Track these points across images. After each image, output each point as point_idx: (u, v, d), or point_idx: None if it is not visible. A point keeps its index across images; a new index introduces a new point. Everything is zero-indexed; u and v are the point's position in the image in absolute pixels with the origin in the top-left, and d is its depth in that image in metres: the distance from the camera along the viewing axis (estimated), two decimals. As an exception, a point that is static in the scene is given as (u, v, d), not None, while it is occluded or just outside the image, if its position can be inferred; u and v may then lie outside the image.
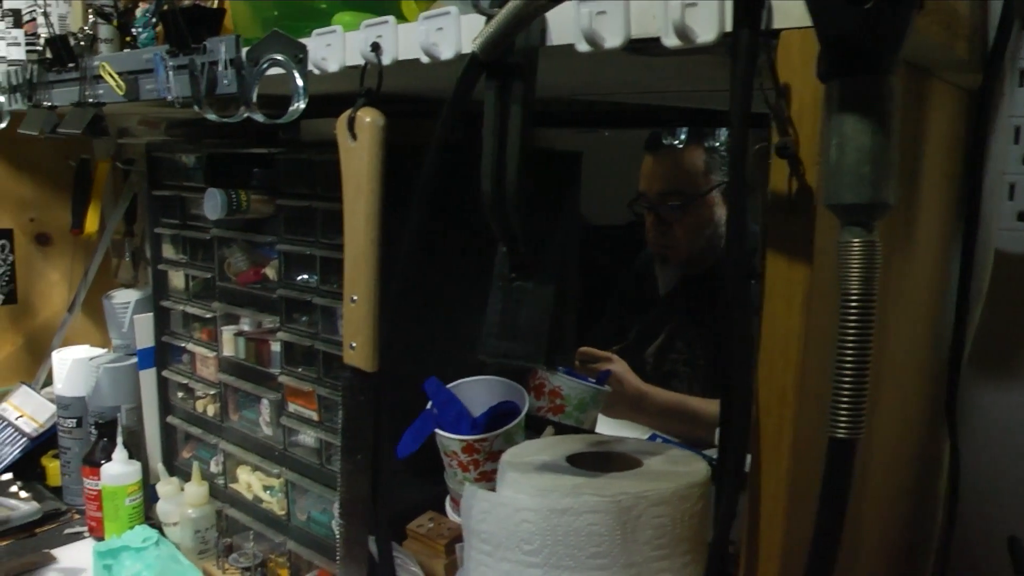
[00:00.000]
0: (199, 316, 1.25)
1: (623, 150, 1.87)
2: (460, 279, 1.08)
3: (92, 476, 1.32)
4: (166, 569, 1.20)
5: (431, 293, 0.99)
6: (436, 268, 0.90)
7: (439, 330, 1.01)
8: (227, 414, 1.23)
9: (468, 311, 1.03)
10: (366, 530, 0.72)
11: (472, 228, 1.01)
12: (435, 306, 1.01)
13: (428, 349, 1.00)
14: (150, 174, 1.30)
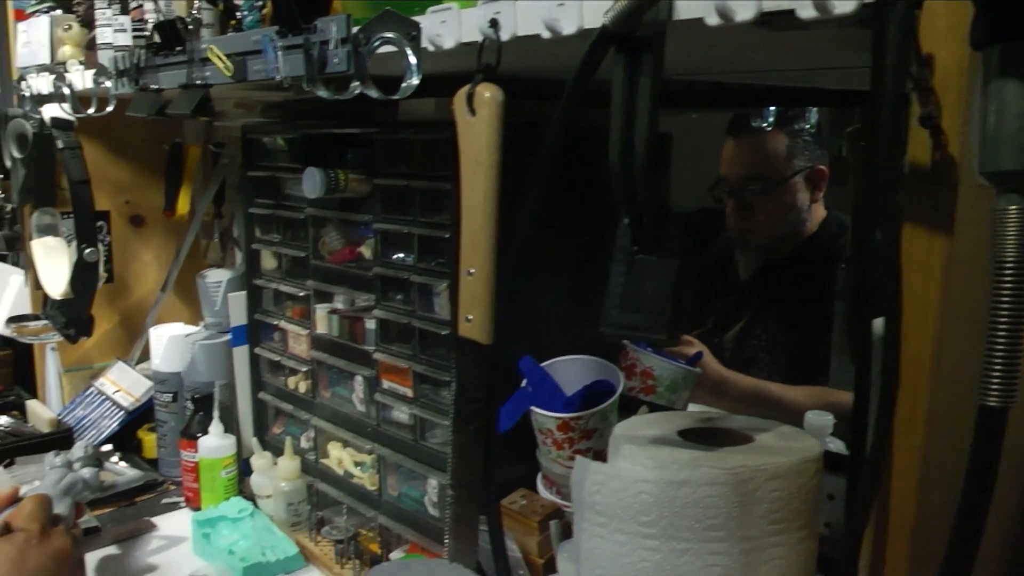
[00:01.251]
0: (292, 294, 1.27)
1: (704, 134, 1.85)
2: (571, 255, 1.09)
3: (189, 449, 1.36)
4: (261, 539, 1.23)
5: (544, 268, 1.00)
6: (550, 243, 0.90)
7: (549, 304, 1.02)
8: (319, 391, 1.26)
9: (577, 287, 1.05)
10: (477, 497, 0.73)
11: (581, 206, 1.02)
12: (547, 281, 1.02)
13: (538, 323, 1.00)
14: (245, 155, 1.33)
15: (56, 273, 1.48)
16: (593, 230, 1.05)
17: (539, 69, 0.85)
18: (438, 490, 1.07)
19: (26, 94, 1.55)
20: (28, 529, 0.95)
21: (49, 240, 1.51)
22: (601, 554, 0.67)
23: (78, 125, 1.45)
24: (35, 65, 1.52)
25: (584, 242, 1.02)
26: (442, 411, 1.05)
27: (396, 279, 1.09)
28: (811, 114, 1.65)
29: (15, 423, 1.63)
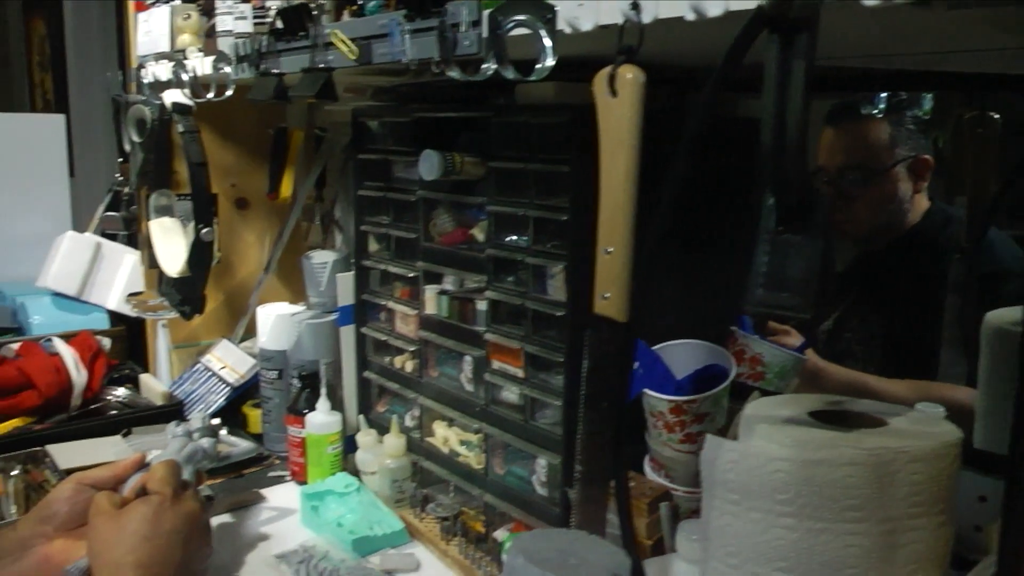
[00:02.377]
0: (400, 275, 1.30)
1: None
2: (684, 240, 1.09)
3: (296, 424, 1.40)
4: (367, 514, 1.27)
5: (678, 248, 1.00)
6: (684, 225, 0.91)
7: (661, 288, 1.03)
8: (425, 370, 1.28)
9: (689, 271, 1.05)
10: (606, 474, 0.74)
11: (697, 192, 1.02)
12: (680, 261, 1.02)
13: (651, 306, 1.01)
14: (355, 139, 1.36)
15: (171, 252, 1.54)
16: (707, 217, 1.05)
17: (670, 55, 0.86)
18: (547, 469, 1.09)
19: (145, 81, 1.61)
20: (162, 492, 0.99)
21: (165, 220, 1.57)
22: (733, 532, 0.67)
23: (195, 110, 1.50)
24: (154, 53, 1.58)
25: (698, 228, 1.02)
26: (553, 391, 1.06)
27: (509, 261, 1.11)
28: (925, 101, 1.62)
29: (131, 395, 1.70)
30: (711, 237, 1.13)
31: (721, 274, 1.19)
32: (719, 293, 1.18)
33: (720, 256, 1.17)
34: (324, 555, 1.18)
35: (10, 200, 2.32)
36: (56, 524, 1.06)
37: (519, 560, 0.64)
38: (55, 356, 1.62)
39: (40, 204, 2.35)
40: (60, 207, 2.39)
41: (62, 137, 2.38)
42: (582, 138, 0.99)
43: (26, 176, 2.35)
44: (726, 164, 1.02)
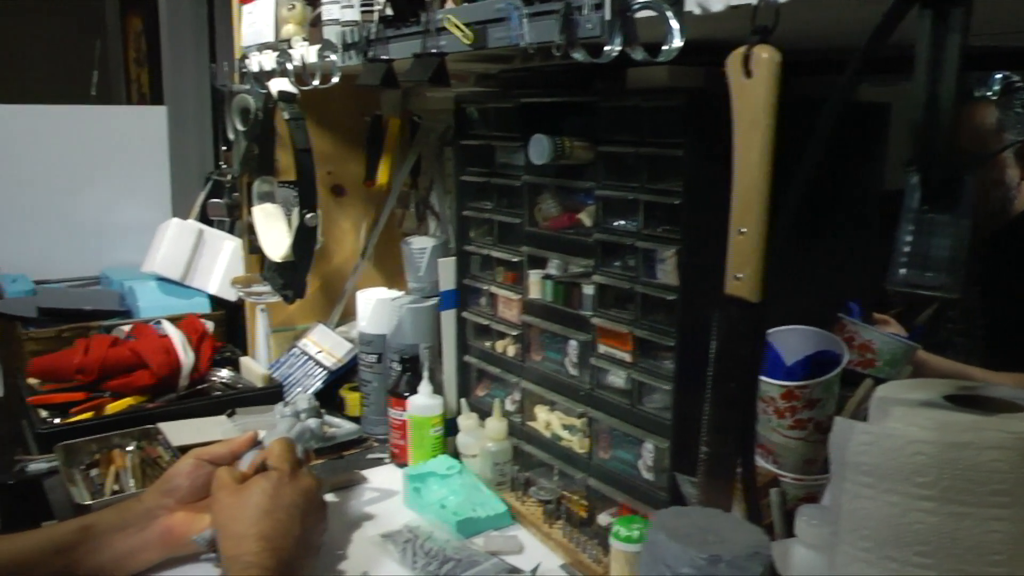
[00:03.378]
0: (504, 260, 1.31)
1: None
2: (815, 222, 1.08)
3: (398, 407, 1.42)
4: (470, 496, 1.28)
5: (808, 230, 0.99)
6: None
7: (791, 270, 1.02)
8: (528, 354, 1.29)
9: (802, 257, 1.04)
10: (733, 456, 0.74)
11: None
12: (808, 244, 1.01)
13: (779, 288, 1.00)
14: (458, 125, 1.37)
15: (274, 237, 1.58)
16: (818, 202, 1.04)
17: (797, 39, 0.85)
18: (654, 454, 1.09)
19: (249, 72, 1.65)
20: (281, 468, 1.02)
21: (268, 207, 1.61)
22: (867, 515, 0.67)
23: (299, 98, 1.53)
24: (258, 44, 1.61)
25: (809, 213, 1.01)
26: (662, 376, 1.06)
27: (617, 245, 1.11)
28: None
29: (234, 376, 1.75)
30: (821, 222, 1.12)
31: (829, 260, 1.18)
32: (826, 279, 1.17)
33: (828, 242, 1.16)
34: (429, 535, 1.19)
35: (115, 190, 2.41)
36: (178, 497, 1.11)
37: (660, 536, 0.64)
38: (165, 338, 1.67)
39: (142, 193, 2.44)
40: (161, 196, 2.47)
41: (163, 128, 2.46)
42: (696, 122, 0.99)
43: (129, 167, 2.43)
44: (839, 149, 1.00)
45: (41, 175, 2.29)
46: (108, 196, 2.40)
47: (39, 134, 2.33)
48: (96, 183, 2.38)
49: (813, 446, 1.03)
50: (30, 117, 2.34)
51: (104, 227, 2.40)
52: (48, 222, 2.31)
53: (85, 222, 2.37)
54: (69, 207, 2.37)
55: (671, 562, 0.62)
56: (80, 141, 2.37)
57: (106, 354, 1.62)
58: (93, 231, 2.39)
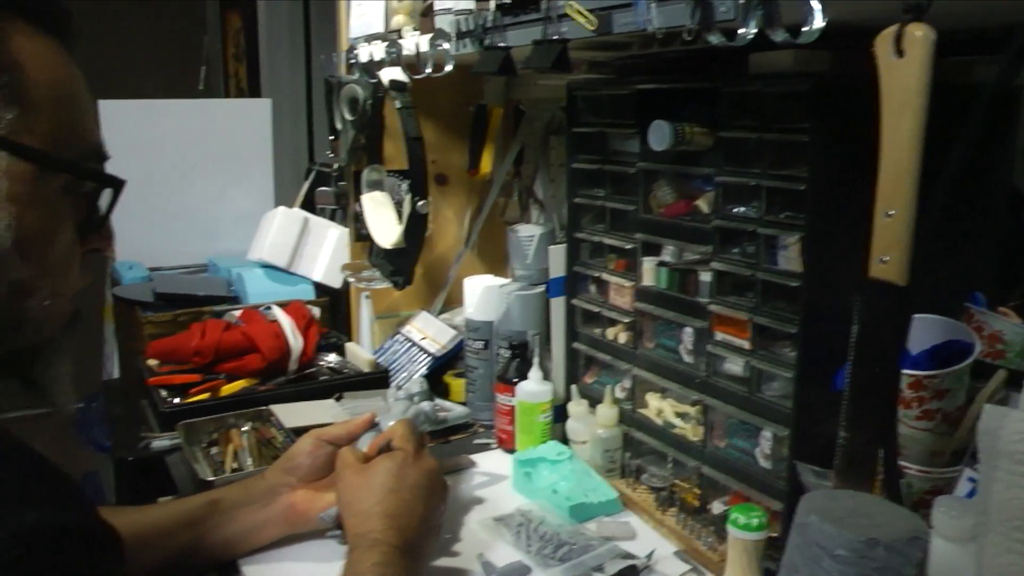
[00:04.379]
0: (616, 247, 1.31)
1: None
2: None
3: (505, 393, 1.43)
4: (581, 482, 1.29)
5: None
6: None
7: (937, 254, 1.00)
8: (641, 341, 1.29)
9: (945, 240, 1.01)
10: (875, 441, 0.73)
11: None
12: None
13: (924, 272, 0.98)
14: (570, 112, 1.38)
15: (383, 224, 1.61)
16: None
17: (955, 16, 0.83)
18: (772, 442, 1.08)
19: (356, 62, 1.68)
20: (405, 448, 1.04)
21: (376, 195, 1.64)
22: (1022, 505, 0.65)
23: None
24: (366, 35, 1.64)
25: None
26: (783, 363, 1.05)
27: (736, 231, 1.10)
28: None
29: (340, 361, 1.79)
30: (952, 209, 1.09)
31: (955, 249, 1.14)
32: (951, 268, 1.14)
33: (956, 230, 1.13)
34: (542, 520, 1.20)
35: (222, 180, 2.48)
36: (299, 475, 1.14)
37: (812, 519, 0.64)
38: (274, 323, 1.72)
39: (247, 184, 2.50)
40: (264, 186, 2.53)
41: (268, 120, 2.52)
42: (823, 107, 0.98)
43: (235, 158, 2.50)
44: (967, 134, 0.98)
45: (153, 167, 2.37)
46: (216, 186, 2.47)
47: (151, 128, 2.41)
48: (204, 174, 2.45)
49: (940, 438, 1.01)
50: (142, 111, 2.42)
51: (211, 216, 2.47)
52: (160, 212, 2.40)
53: (194, 212, 2.45)
54: (179, 197, 2.44)
55: (826, 544, 0.61)
56: (189, 134, 2.45)
57: (220, 338, 1.68)
58: (201, 220, 2.46)
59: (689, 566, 1.11)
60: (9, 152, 0.66)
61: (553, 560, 1.11)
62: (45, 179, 0.69)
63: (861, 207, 0.74)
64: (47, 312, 0.74)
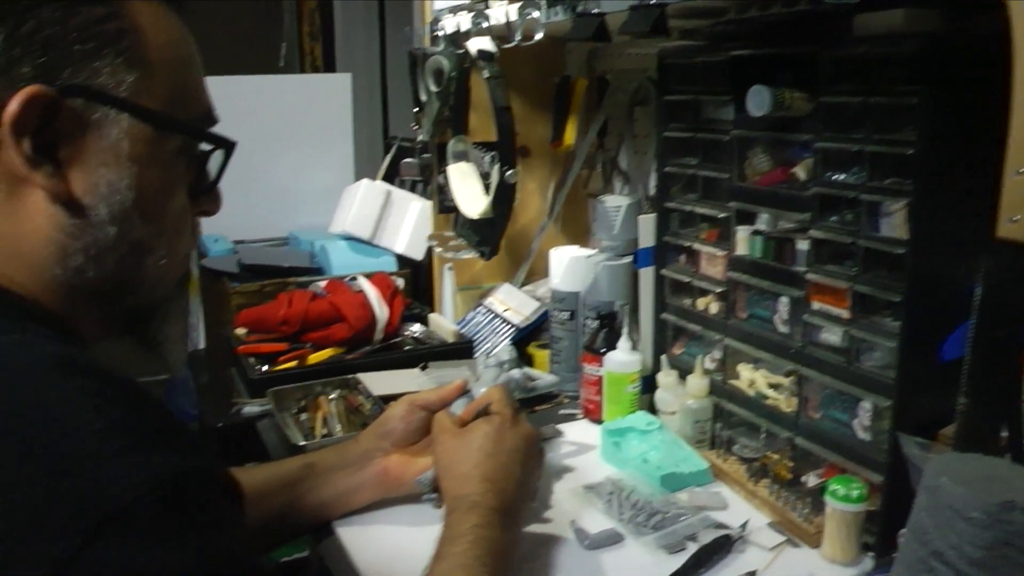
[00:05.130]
0: (708, 216, 1.30)
1: None
2: None
3: (593, 363, 1.43)
4: (670, 452, 1.28)
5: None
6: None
7: None
8: (733, 312, 1.28)
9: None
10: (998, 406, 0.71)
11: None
12: None
13: None
14: (661, 81, 1.36)
15: (468, 195, 1.61)
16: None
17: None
18: (871, 413, 1.06)
19: (440, 34, 1.68)
20: (503, 413, 1.05)
21: (463, 165, 1.64)
22: None
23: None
24: (451, 6, 1.64)
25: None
26: (884, 332, 1.03)
27: (835, 198, 1.07)
28: None
29: (425, 331, 1.81)
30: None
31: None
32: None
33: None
34: (632, 489, 1.20)
35: (303, 155, 2.51)
36: (393, 440, 1.15)
37: (943, 481, 0.62)
38: (359, 293, 1.74)
39: (327, 158, 2.53)
40: (344, 160, 2.56)
41: (348, 95, 2.55)
42: (934, 68, 0.95)
43: (316, 132, 2.53)
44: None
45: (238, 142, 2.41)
46: (297, 161, 2.51)
47: (234, 104, 2.43)
48: (286, 149, 2.49)
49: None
50: (225, 87, 2.44)
51: (293, 190, 2.51)
52: (243, 186, 2.43)
53: (276, 186, 2.49)
54: (262, 172, 2.48)
55: (959, 506, 0.60)
56: (271, 109, 2.49)
57: (307, 308, 1.70)
58: (282, 194, 2.50)
59: (784, 537, 1.10)
60: (130, 114, 0.68)
61: (646, 528, 1.11)
62: (162, 140, 0.71)
63: (974, 170, 0.72)
64: (163, 271, 0.76)
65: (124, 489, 0.51)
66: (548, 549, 1.08)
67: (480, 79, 1.60)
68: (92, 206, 0.68)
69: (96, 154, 0.67)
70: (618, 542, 1.10)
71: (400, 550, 1.10)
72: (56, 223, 0.67)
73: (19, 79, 0.62)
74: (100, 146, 0.67)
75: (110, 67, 0.66)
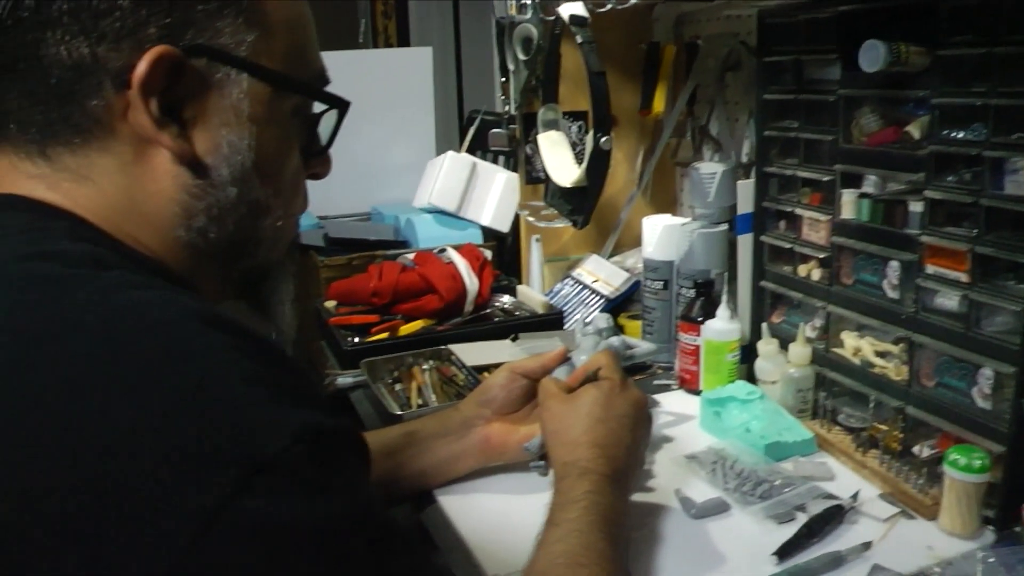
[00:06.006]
0: (812, 180, 1.26)
1: None
2: None
3: (690, 332, 1.41)
4: (773, 422, 1.25)
5: None
6: None
7: None
8: (836, 278, 1.24)
9: None
10: None
11: None
12: None
13: None
14: (761, 42, 1.32)
15: (559, 164, 1.60)
16: None
17: None
18: (993, 381, 1.02)
19: (527, 2, 1.66)
20: (612, 378, 1.04)
21: (553, 134, 1.62)
22: None
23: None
24: (540, -28, 1.62)
25: None
26: (1009, 295, 0.99)
27: (953, 157, 1.03)
28: None
29: (514, 302, 1.80)
30: None
31: None
32: None
33: None
34: (736, 458, 1.18)
35: (385, 130, 2.52)
36: (494, 408, 1.15)
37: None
38: (449, 264, 1.74)
39: (409, 132, 2.53)
40: (426, 135, 2.56)
41: (429, 69, 2.54)
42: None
43: (398, 107, 2.53)
44: None
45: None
46: (379, 136, 2.51)
47: (316, 79, 2.47)
48: (368, 124, 2.49)
49: None
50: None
51: (374, 166, 2.52)
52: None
53: (358, 161, 2.49)
54: (344, 147, 2.48)
55: None
56: (353, 84, 2.47)
57: (397, 279, 1.71)
58: (365, 170, 2.51)
59: (897, 509, 1.07)
60: (250, 74, 0.68)
61: (753, 498, 1.09)
62: (280, 101, 0.71)
63: None
64: (278, 233, 0.76)
65: (270, 440, 0.51)
66: (654, 518, 1.07)
67: (569, 47, 1.58)
68: (214, 166, 0.68)
69: (218, 114, 0.67)
70: (725, 511, 1.08)
71: (503, 518, 1.10)
72: (180, 184, 0.67)
73: (146, 40, 0.63)
74: (221, 106, 0.67)
75: (231, 27, 0.66)
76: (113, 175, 0.66)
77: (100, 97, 0.63)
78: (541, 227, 1.80)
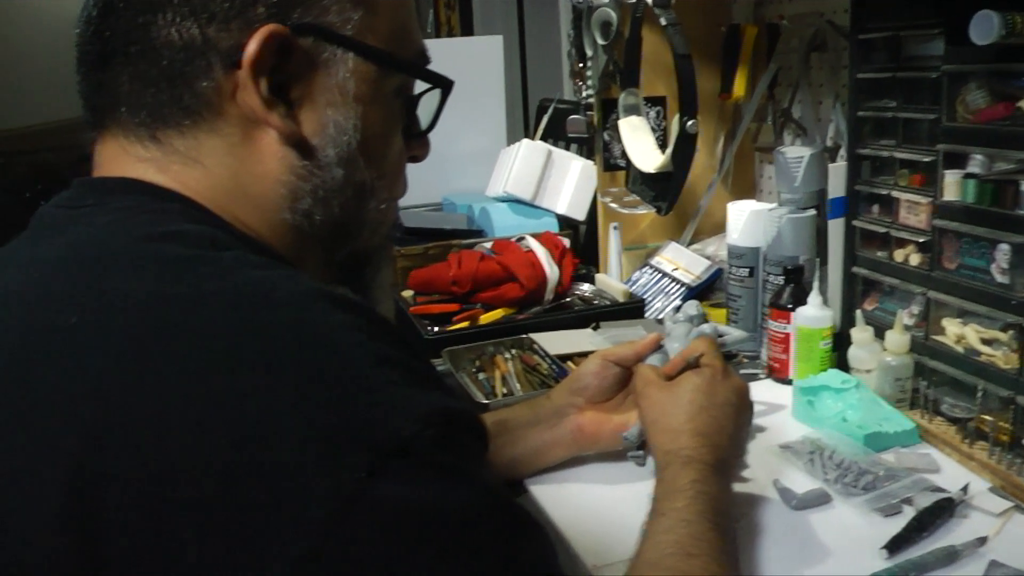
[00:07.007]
0: (911, 161, 1.22)
1: None
2: None
3: (781, 319, 1.37)
4: (871, 411, 1.22)
5: None
6: None
7: None
8: (938, 263, 1.20)
9: None
10: None
11: None
12: None
13: None
14: (855, 17, 1.28)
15: (641, 150, 1.57)
16: None
17: None
18: (1113, 368, 0.97)
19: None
20: (713, 365, 1.01)
21: (634, 119, 1.60)
22: None
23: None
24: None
25: None
26: None
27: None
28: None
29: (594, 290, 1.78)
30: None
31: None
32: None
33: None
34: (834, 448, 1.15)
35: (456, 119, 2.50)
36: (587, 396, 1.13)
37: None
38: (529, 253, 1.73)
39: (480, 121, 2.52)
40: (497, 123, 2.54)
41: (500, 57, 2.52)
42: None
43: (469, 96, 2.51)
44: None
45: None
46: (450, 125, 2.48)
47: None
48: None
49: None
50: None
51: (445, 156, 2.51)
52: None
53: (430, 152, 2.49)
54: (416, 137, 2.49)
55: None
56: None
57: (477, 268, 1.70)
58: (435, 160, 2.48)
59: (1011, 503, 1.03)
60: (356, 53, 0.67)
61: (855, 489, 1.06)
62: (384, 80, 0.70)
63: None
64: (381, 216, 0.76)
65: (403, 423, 0.50)
66: (754, 509, 1.05)
67: (649, 31, 1.55)
68: (321, 147, 0.67)
69: (324, 94, 0.67)
70: (826, 503, 1.05)
71: (596, 508, 1.08)
72: (288, 165, 0.67)
73: (254, 19, 0.62)
74: (328, 85, 0.67)
75: (337, 5, 0.66)
76: (221, 157, 0.66)
77: (210, 78, 0.63)
78: (624, 214, 1.77)
